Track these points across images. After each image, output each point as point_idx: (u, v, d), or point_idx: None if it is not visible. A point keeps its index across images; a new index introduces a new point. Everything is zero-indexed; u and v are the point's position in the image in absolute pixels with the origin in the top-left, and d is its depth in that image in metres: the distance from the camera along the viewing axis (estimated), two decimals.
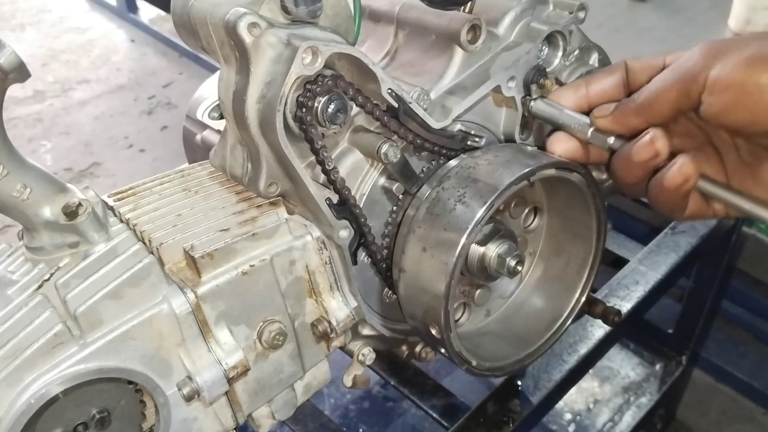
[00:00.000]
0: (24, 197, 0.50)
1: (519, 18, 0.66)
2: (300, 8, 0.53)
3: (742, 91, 0.50)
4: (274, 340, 0.57)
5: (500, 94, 0.65)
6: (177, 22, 0.59)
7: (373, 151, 0.57)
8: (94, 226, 0.52)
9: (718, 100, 0.51)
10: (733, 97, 0.50)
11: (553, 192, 0.69)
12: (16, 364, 0.47)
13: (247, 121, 0.54)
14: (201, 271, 0.53)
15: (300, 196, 0.58)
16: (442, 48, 0.64)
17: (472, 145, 0.64)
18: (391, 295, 0.66)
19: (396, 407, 1.34)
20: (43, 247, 0.52)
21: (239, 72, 0.54)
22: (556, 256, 0.73)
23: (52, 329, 0.48)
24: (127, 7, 3.71)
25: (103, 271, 0.51)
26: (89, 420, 0.52)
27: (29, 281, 0.52)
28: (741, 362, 1.51)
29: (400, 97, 0.57)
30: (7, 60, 0.43)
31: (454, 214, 0.57)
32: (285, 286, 0.58)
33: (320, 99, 0.53)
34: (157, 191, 0.61)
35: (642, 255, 0.92)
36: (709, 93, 0.52)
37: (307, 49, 0.50)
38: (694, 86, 0.52)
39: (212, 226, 0.56)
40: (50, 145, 2.89)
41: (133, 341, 0.51)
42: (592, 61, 0.73)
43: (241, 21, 0.50)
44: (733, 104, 0.51)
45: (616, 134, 0.59)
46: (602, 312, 0.72)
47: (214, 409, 0.58)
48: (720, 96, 0.51)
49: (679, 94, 0.54)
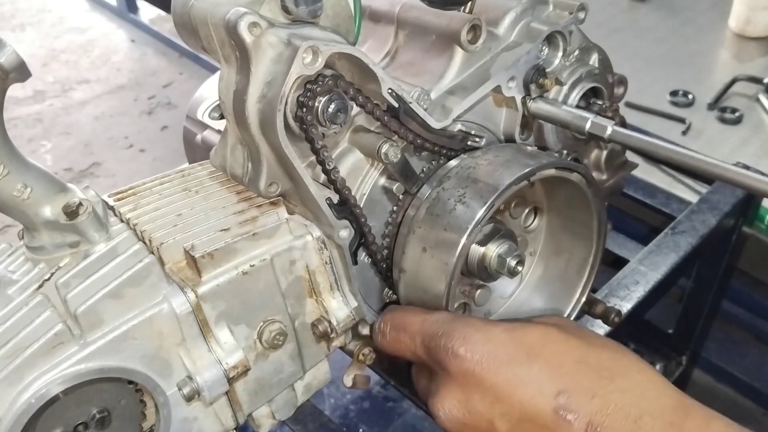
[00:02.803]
0: (24, 197, 0.50)
1: (519, 18, 0.66)
2: (300, 8, 0.53)
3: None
4: (274, 340, 0.57)
5: (500, 94, 0.65)
6: (177, 22, 0.59)
7: (373, 151, 0.57)
8: (95, 225, 0.52)
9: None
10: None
11: (553, 192, 0.69)
12: (17, 363, 0.47)
13: (248, 120, 0.54)
14: (201, 270, 0.53)
15: (300, 195, 0.58)
16: (442, 48, 0.64)
17: (473, 145, 0.64)
18: (391, 295, 0.66)
19: (396, 407, 1.34)
20: (44, 246, 0.52)
21: (240, 72, 0.54)
22: (556, 256, 0.73)
23: (52, 329, 0.48)
24: (127, 7, 3.71)
25: (103, 270, 0.51)
26: (89, 420, 0.52)
27: (29, 281, 0.52)
28: (741, 362, 1.51)
29: (401, 97, 0.57)
30: (7, 59, 0.43)
31: (454, 215, 0.57)
32: (285, 285, 0.58)
33: (320, 99, 0.53)
34: (157, 191, 0.61)
35: (642, 255, 0.92)
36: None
37: (308, 48, 0.50)
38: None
39: (213, 226, 0.56)
40: (50, 145, 2.89)
41: (133, 341, 0.51)
42: (592, 62, 0.73)
43: (241, 21, 0.50)
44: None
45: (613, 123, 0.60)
46: (602, 312, 0.72)
47: (215, 408, 0.58)
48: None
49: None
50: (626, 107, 1.41)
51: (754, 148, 1.32)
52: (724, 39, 1.71)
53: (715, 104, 1.44)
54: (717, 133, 1.38)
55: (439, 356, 0.53)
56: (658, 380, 0.51)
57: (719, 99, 1.45)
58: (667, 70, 1.57)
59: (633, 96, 1.18)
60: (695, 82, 1.51)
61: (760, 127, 1.38)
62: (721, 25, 1.73)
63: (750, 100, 1.45)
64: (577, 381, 0.50)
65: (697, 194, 1.16)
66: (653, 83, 1.50)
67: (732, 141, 1.35)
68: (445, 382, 0.53)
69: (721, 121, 1.40)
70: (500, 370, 0.51)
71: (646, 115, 1.42)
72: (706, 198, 1.02)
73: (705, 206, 1.00)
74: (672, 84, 1.49)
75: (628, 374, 0.50)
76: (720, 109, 1.42)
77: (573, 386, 0.49)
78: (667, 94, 1.47)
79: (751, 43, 1.66)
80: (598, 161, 0.81)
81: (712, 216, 0.99)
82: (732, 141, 1.35)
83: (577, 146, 0.76)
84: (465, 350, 0.52)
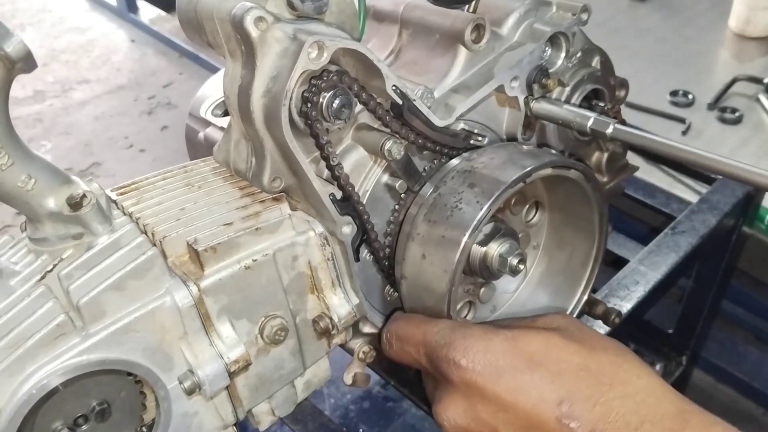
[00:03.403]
0: (29, 188, 0.50)
1: (523, 19, 0.66)
2: (306, 4, 0.53)
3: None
4: (275, 336, 0.57)
5: (503, 93, 0.65)
6: (182, 18, 0.59)
7: (376, 147, 0.57)
8: (98, 217, 0.52)
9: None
10: None
11: (554, 188, 0.70)
12: (18, 354, 0.47)
13: (252, 115, 0.54)
14: (204, 264, 0.53)
15: (304, 191, 0.58)
16: (446, 47, 0.64)
17: (475, 144, 0.64)
18: (392, 293, 0.66)
19: (396, 407, 1.34)
20: (47, 238, 0.52)
21: (245, 66, 0.54)
22: (559, 250, 0.73)
23: (54, 320, 0.48)
24: (127, 7, 3.70)
25: (106, 262, 0.51)
26: (89, 412, 0.52)
27: (32, 272, 0.52)
28: (741, 362, 1.51)
29: (405, 94, 0.57)
30: (14, 49, 0.43)
31: (455, 214, 0.57)
32: (287, 281, 0.58)
33: (325, 94, 0.53)
34: (160, 186, 0.61)
35: (642, 255, 0.92)
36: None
37: (313, 43, 0.51)
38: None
39: (215, 220, 0.56)
40: (50, 145, 2.89)
41: (135, 333, 0.51)
42: (594, 63, 0.73)
43: (247, 15, 0.51)
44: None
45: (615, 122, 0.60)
46: (603, 312, 0.72)
47: (215, 403, 0.58)
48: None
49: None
50: (626, 107, 1.40)
51: (754, 148, 1.33)
52: (724, 39, 1.71)
53: (715, 104, 1.44)
54: (717, 133, 1.38)
55: (441, 367, 0.54)
56: (659, 386, 0.51)
57: (719, 99, 1.45)
58: (667, 70, 1.58)
59: (633, 96, 1.18)
60: (695, 82, 1.51)
61: (760, 127, 1.39)
62: (721, 25, 1.73)
63: (750, 100, 1.46)
64: (578, 389, 0.50)
65: (697, 194, 1.16)
66: (653, 83, 1.51)
67: (732, 141, 1.35)
68: (448, 391, 0.54)
69: (721, 121, 1.40)
70: (502, 379, 0.51)
71: (646, 115, 1.43)
72: (706, 198, 1.03)
73: (705, 206, 1.01)
74: (672, 84, 1.50)
75: (628, 380, 0.51)
76: (720, 109, 1.43)
77: (574, 394, 0.50)
78: (667, 94, 1.48)
79: (751, 43, 1.67)
80: (599, 164, 0.81)
81: (712, 216, 0.99)
82: (732, 141, 1.35)
83: (579, 147, 0.76)
84: (466, 361, 0.52)
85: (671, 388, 0.51)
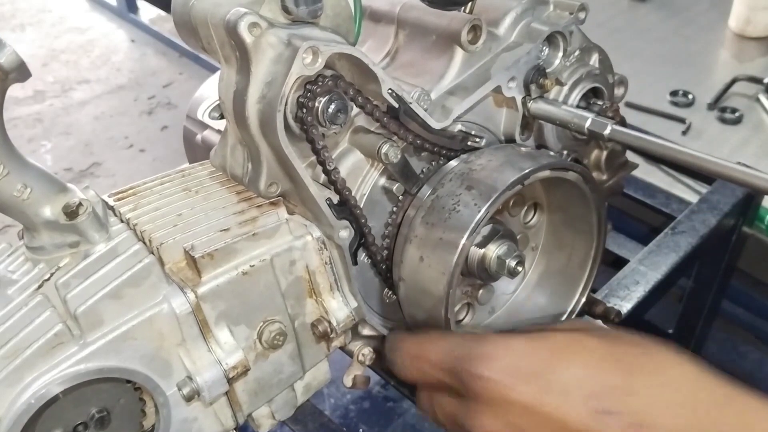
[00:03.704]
0: (24, 197, 0.50)
1: (519, 18, 0.66)
2: (300, 8, 0.53)
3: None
4: (274, 340, 0.57)
5: (501, 94, 0.65)
6: (177, 22, 0.59)
7: (373, 151, 0.57)
8: (95, 225, 0.52)
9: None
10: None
11: (552, 188, 0.70)
12: (16, 363, 0.47)
13: (248, 121, 0.54)
14: (201, 271, 0.53)
15: (300, 196, 0.58)
16: (442, 48, 0.64)
17: (473, 145, 0.64)
18: (391, 295, 0.66)
19: (396, 407, 1.34)
20: (44, 246, 0.52)
21: (240, 72, 0.54)
22: (558, 251, 0.73)
23: (52, 329, 0.48)
24: (127, 7, 3.71)
25: (103, 270, 0.51)
26: (89, 420, 0.52)
27: (29, 281, 0.52)
28: (741, 362, 1.51)
29: (401, 98, 0.57)
30: (7, 60, 0.43)
31: (453, 216, 0.57)
32: (285, 286, 0.58)
33: (320, 99, 0.53)
34: (157, 191, 0.61)
35: (642, 255, 0.92)
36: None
37: (308, 49, 0.50)
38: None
39: (213, 226, 0.56)
40: (50, 145, 2.89)
41: (133, 341, 0.51)
42: (592, 62, 0.73)
43: (241, 21, 0.50)
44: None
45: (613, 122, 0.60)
46: (603, 312, 0.72)
47: (214, 409, 0.58)
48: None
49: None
50: (626, 107, 1.41)
51: (754, 148, 1.32)
52: (724, 39, 1.71)
53: (715, 104, 1.44)
54: (717, 133, 1.38)
55: (463, 380, 0.52)
56: (697, 373, 0.49)
57: (719, 99, 1.45)
58: (667, 70, 1.57)
59: (633, 96, 1.18)
60: (695, 82, 1.51)
61: (760, 127, 1.38)
62: (721, 25, 1.72)
63: (750, 100, 1.45)
64: (607, 379, 0.48)
65: (697, 194, 1.15)
66: (653, 83, 1.50)
67: (732, 141, 1.35)
68: (475, 405, 0.52)
69: (721, 121, 1.40)
70: (523, 382, 0.50)
71: (646, 115, 1.42)
72: (706, 198, 1.02)
73: (705, 206, 1.00)
74: (672, 84, 1.49)
75: (662, 370, 0.49)
76: (720, 109, 1.42)
77: (604, 386, 0.48)
78: (667, 94, 1.47)
79: (751, 43, 1.66)
80: (598, 161, 0.81)
81: (712, 216, 0.98)
82: (732, 141, 1.35)
83: (578, 147, 0.76)
84: (487, 370, 0.51)
85: (712, 375, 0.49)
